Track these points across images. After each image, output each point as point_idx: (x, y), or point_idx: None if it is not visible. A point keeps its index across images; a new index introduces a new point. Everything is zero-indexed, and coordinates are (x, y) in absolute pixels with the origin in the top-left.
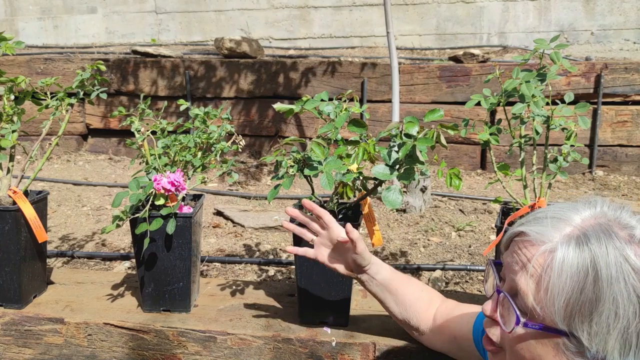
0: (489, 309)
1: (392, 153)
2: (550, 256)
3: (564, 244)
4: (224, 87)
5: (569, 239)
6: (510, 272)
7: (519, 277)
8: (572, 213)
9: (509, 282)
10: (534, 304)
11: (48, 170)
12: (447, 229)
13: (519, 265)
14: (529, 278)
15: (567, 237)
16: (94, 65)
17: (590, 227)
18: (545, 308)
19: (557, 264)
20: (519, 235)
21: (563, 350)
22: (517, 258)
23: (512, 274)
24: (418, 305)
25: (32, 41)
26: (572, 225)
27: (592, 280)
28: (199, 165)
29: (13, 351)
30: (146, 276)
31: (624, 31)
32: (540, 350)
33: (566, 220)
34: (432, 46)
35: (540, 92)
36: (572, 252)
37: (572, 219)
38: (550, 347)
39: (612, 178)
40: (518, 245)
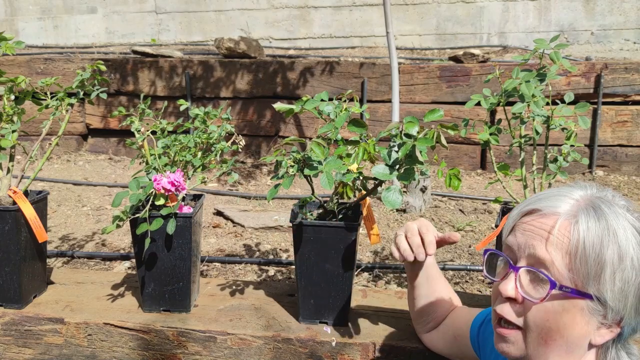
0: (510, 289)
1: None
2: (574, 224)
3: (583, 212)
4: (223, 86)
5: (585, 209)
6: (527, 249)
7: (538, 249)
8: (571, 191)
9: (527, 257)
10: (563, 269)
11: (48, 170)
12: (447, 228)
13: (539, 237)
14: (552, 247)
15: (580, 207)
16: (94, 65)
17: (594, 199)
18: (576, 272)
19: (582, 228)
20: (527, 214)
21: (587, 313)
22: (533, 233)
23: (529, 249)
24: (442, 304)
25: (32, 41)
26: (577, 200)
27: (613, 240)
28: (199, 165)
29: (13, 351)
30: (146, 276)
31: (624, 31)
32: (566, 318)
33: (569, 196)
34: (432, 46)
35: (540, 92)
36: (593, 217)
37: (573, 194)
38: (575, 312)
39: (612, 178)
40: (529, 223)
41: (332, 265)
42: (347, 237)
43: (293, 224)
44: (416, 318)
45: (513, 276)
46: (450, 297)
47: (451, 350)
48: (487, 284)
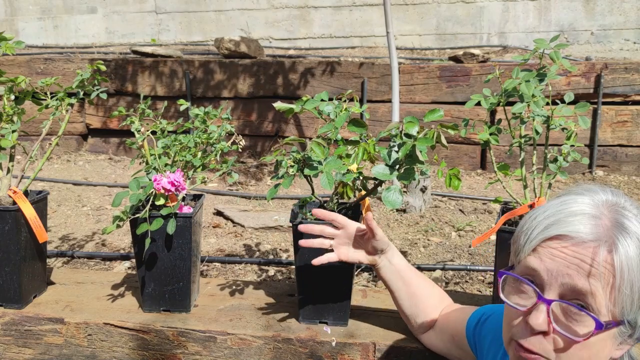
0: (543, 323)
1: (392, 153)
2: (614, 253)
3: (618, 236)
4: (224, 87)
5: (618, 231)
6: (560, 278)
7: (576, 280)
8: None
9: (560, 288)
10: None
11: (48, 170)
12: (447, 229)
13: (575, 267)
14: (593, 279)
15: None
16: (93, 65)
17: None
18: (619, 304)
19: (624, 259)
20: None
21: (617, 336)
22: (566, 262)
23: (565, 279)
24: (429, 302)
25: (32, 41)
26: (598, 217)
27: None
28: (199, 165)
29: (13, 351)
30: (146, 276)
31: (624, 31)
32: (599, 346)
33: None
34: (432, 46)
35: (540, 92)
36: (629, 242)
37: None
38: (607, 339)
39: (612, 178)
40: (558, 249)
41: (332, 265)
42: None
43: (293, 224)
44: (407, 321)
45: (544, 309)
46: (434, 295)
47: (450, 350)
48: (486, 284)
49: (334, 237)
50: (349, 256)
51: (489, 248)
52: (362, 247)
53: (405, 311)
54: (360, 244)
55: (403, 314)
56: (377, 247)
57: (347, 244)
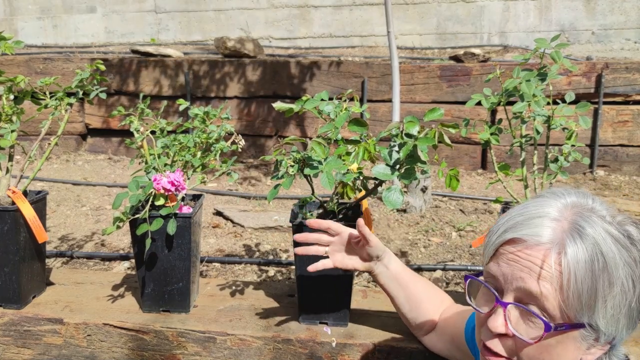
0: (501, 326)
1: (393, 153)
2: (562, 255)
3: (569, 239)
4: (223, 86)
5: (569, 235)
6: (514, 282)
7: (529, 283)
8: (548, 209)
9: (514, 291)
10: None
11: (47, 170)
12: (448, 229)
13: (527, 270)
14: (544, 282)
15: (563, 231)
16: (93, 65)
17: (575, 216)
18: (570, 306)
19: (572, 261)
20: (508, 243)
21: (580, 340)
22: (519, 265)
23: (519, 283)
24: (429, 305)
25: (31, 41)
26: (557, 219)
27: (602, 267)
28: (198, 165)
29: (12, 351)
30: (146, 276)
31: (625, 31)
32: (560, 348)
33: (549, 216)
34: (433, 46)
35: (541, 92)
36: (580, 245)
37: (551, 212)
38: (568, 342)
39: (613, 178)
40: (513, 253)
41: None
42: None
43: (293, 224)
44: (408, 324)
45: (501, 312)
46: (435, 297)
47: (450, 351)
48: None
49: (330, 244)
50: (344, 263)
51: None
52: (357, 253)
53: (405, 315)
54: (356, 251)
55: (404, 317)
56: (372, 254)
57: (342, 251)
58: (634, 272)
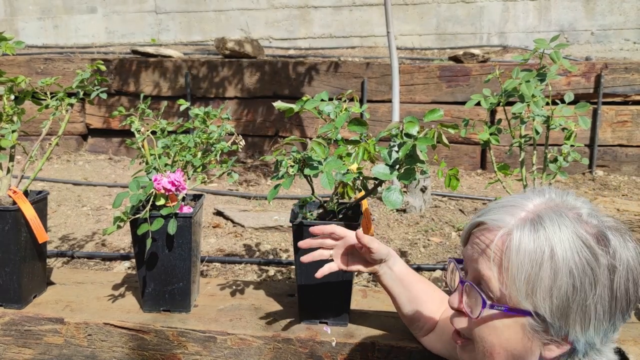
0: (455, 301)
1: (393, 153)
2: (507, 238)
3: (519, 226)
4: (224, 87)
5: (523, 222)
6: (471, 262)
7: (480, 264)
8: (524, 200)
9: (472, 271)
10: (499, 287)
11: (48, 170)
12: (447, 229)
13: (479, 252)
14: (490, 262)
15: (522, 220)
16: (94, 65)
17: (542, 209)
18: (509, 288)
19: (514, 244)
20: (476, 227)
21: (529, 330)
22: (476, 247)
23: (473, 263)
24: (430, 306)
25: (32, 41)
26: (526, 211)
27: (548, 256)
28: (199, 165)
29: (13, 351)
30: (146, 276)
31: (624, 31)
32: (507, 333)
33: (520, 207)
34: (432, 46)
35: (540, 92)
36: (528, 232)
37: (525, 205)
38: (516, 328)
39: (612, 178)
40: (476, 235)
41: None
42: None
43: (293, 224)
44: (408, 325)
45: (459, 289)
46: (435, 297)
47: (450, 351)
48: None
49: (334, 248)
50: (348, 266)
51: None
52: (362, 255)
53: (406, 315)
54: (360, 253)
55: (404, 317)
56: (376, 259)
57: (347, 254)
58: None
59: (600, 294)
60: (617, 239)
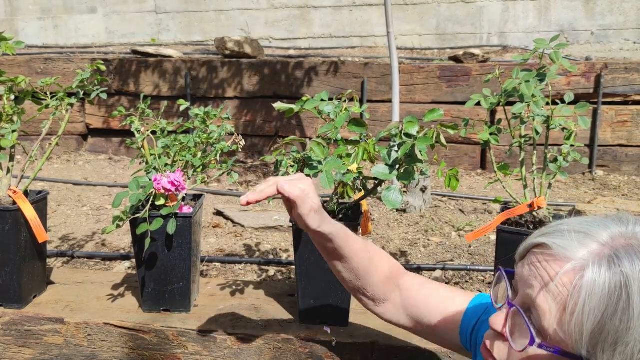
0: (499, 324)
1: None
2: (578, 276)
3: (595, 263)
4: (224, 87)
5: (600, 259)
6: (526, 287)
7: (538, 294)
8: (600, 229)
9: (524, 297)
10: (555, 327)
11: (48, 170)
12: (447, 229)
13: (539, 280)
14: (550, 297)
15: (597, 255)
16: (94, 65)
17: (621, 247)
18: (568, 332)
19: (586, 286)
20: (538, 247)
21: None
22: (535, 272)
23: (528, 289)
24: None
25: (32, 41)
26: (601, 243)
27: (623, 306)
28: (199, 165)
29: (13, 351)
30: (146, 276)
31: (624, 31)
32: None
33: (593, 237)
34: (432, 46)
35: (540, 92)
36: (604, 273)
37: (600, 235)
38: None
39: (612, 178)
40: (537, 258)
41: None
42: None
43: (293, 224)
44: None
45: (505, 311)
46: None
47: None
48: (486, 284)
49: None
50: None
51: (489, 248)
52: None
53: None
54: None
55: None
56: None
57: None
58: None
59: None
60: None
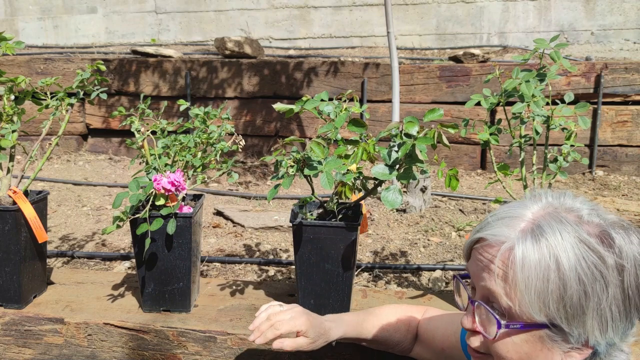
0: (468, 322)
1: (392, 153)
2: (510, 253)
3: (520, 238)
4: (224, 87)
5: (524, 234)
6: (478, 280)
7: (487, 281)
8: (522, 209)
9: (480, 289)
10: (508, 303)
11: (48, 170)
12: (447, 229)
13: (484, 269)
14: (496, 279)
15: (522, 232)
16: (94, 65)
17: (541, 217)
18: (519, 303)
19: (518, 259)
20: (477, 242)
21: (548, 341)
22: (480, 264)
23: (480, 281)
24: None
25: (32, 41)
26: (525, 221)
27: (554, 267)
28: (199, 165)
29: (13, 351)
30: (146, 276)
31: (624, 31)
32: (527, 347)
33: (518, 217)
34: (432, 46)
35: (540, 92)
36: (530, 244)
37: (523, 214)
38: (535, 342)
39: (612, 178)
40: (479, 252)
41: (332, 265)
42: (347, 237)
43: (293, 224)
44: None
45: (471, 309)
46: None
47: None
48: None
49: None
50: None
51: None
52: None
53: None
54: None
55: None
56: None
57: None
58: (602, 275)
59: (613, 295)
60: (622, 236)
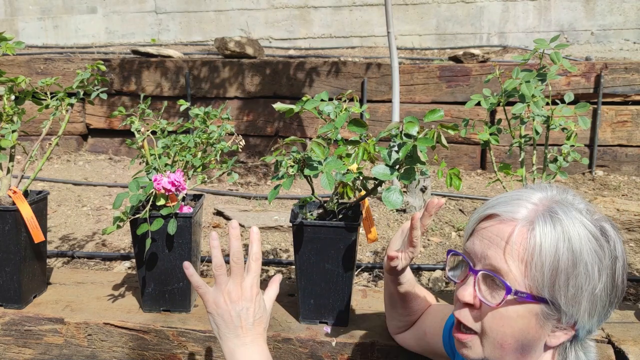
0: (468, 294)
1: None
2: (530, 232)
3: (539, 218)
4: (224, 87)
5: (541, 214)
6: (483, 255)
7: (500, 255)
8: (530, 194)
9: (488, 261)
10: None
11: (48, 170)
12: (447, 229)
13: (496, 243)
14: (511, 254)
15: (538, 212)
16: (94, 65)
17: (553, 203)
18: (532, 279)
19: (539, 238)
20: (486, 219)
21: (541, 317)
22: (490, 241)
23: (488, 256)
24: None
25: (32, 41)
26: (536, 204)
27: (567, 247)
28: (199, 165)
29: (13, 351)
30: (146, 276)
31: (624, 31)
32: (521, 323)
33: (529, 200)
34: (432, 46)
35: (540, 92)
36: (549, 225)
37: (530, 197)
38: (530, 317)
39: (612, 178)
40: (487, 228)
41: (332, 265)
42: (347, 237)
43: (293, 224)
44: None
45: (472, 280)
46: (425, 297)
47: (422, 347)
48: None
49: None
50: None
51: None
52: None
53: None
54: None
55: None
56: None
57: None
58: (601, 262)
59: (605, 282)
60: (614, 232)
